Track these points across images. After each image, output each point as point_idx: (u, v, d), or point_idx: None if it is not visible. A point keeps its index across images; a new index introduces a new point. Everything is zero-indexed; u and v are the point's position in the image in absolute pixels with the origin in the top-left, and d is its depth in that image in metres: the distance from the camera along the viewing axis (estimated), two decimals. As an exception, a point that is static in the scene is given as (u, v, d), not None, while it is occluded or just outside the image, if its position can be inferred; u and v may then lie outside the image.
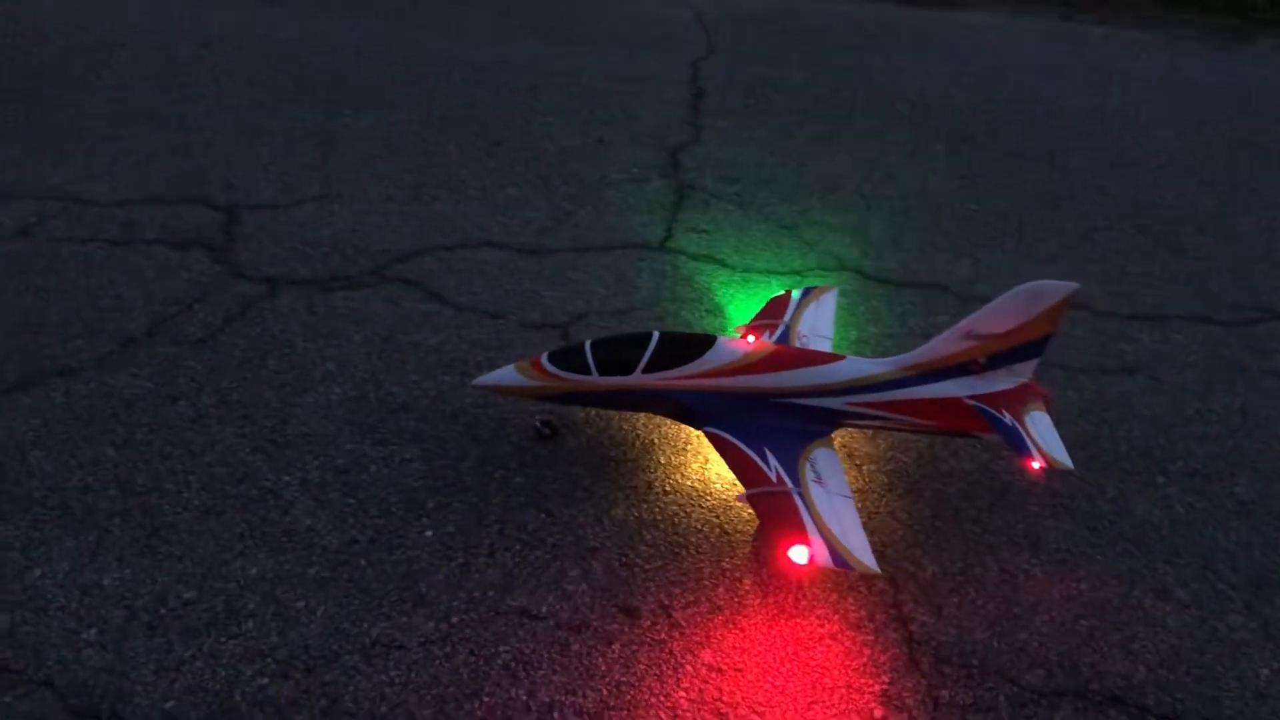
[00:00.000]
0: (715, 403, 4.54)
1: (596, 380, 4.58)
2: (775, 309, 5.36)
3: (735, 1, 11.32)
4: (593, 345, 4.63)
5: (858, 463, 4.93)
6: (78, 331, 5.52)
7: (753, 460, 4.32)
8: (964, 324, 4.49)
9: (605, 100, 8.66)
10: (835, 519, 4.09)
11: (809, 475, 4.28)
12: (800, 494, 4.17)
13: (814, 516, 4.06)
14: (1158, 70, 10.55)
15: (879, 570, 3.89)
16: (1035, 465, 4.30)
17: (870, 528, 4.33)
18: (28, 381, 5.18)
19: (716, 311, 5.96)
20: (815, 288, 5.53)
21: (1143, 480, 5.00)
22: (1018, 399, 4.52)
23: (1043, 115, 9.19)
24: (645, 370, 4.55)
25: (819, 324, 5.29)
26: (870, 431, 4.93)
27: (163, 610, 4.07)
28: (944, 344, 4.53)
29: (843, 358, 4.63)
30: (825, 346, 5.11)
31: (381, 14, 10.27)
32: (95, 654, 3.87)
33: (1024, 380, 4.57)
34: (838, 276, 6.42)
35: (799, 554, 3.88)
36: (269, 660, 3.91)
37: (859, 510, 4.18)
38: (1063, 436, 4.43)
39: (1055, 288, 4.35)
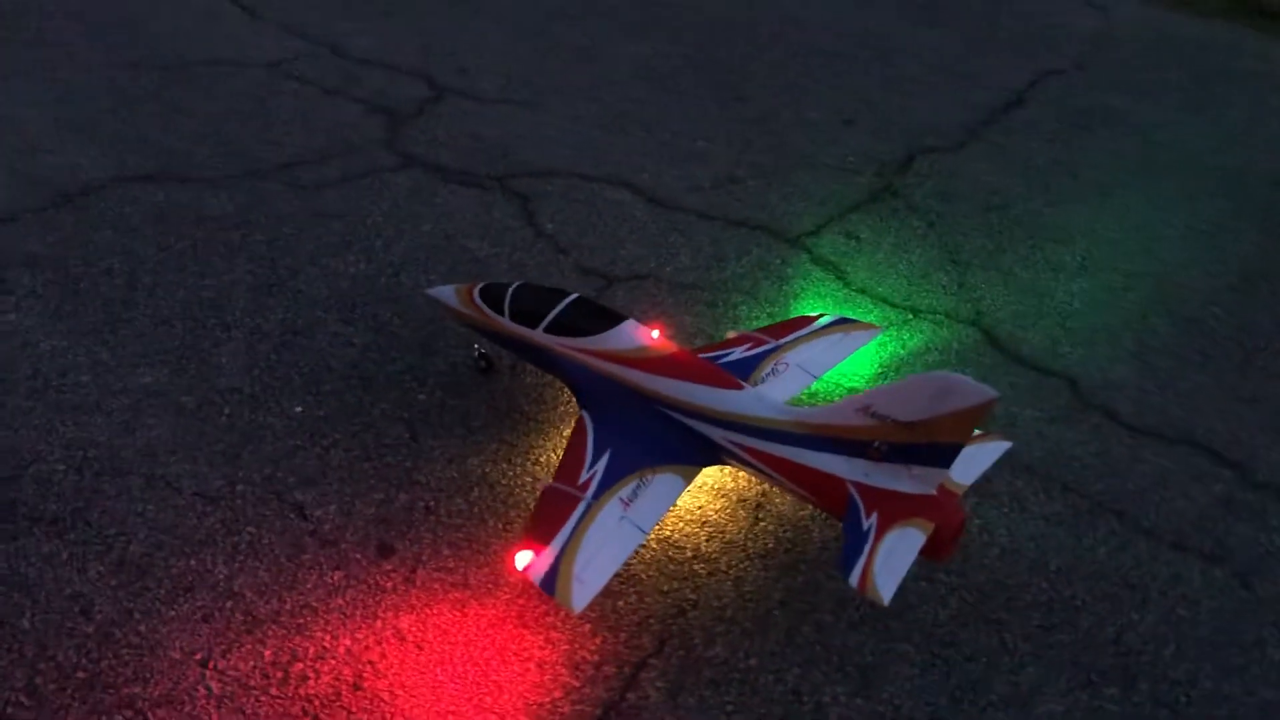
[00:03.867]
0: (600, 386, 4.19)
1: (505, 324, 4.40)
2: (784, 328, 4.72)
3: (1158, 23, 9.58)
4: (515, 289, 4.45)
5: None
6: (223, 153, 6.18)
7: (581, 458, 3.95)
8: (864, 396, 3.70)
9: (898, 85, 7.86)
10: (596, 544, 3.64)
11: (623, 492, 3.82)
12: (588, 506, 3.73)
13: (575, 532, 3.64)
14: None
15: (575, 609, 3.39)
16: (851, 581, 3.48)
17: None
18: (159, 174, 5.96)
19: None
20: (851, 320, 4.78)
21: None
22: (906, 508, 3.64)
23: None
24: (547, 330, 4.30)
25: (819, 358, 4.58)
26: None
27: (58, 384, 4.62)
28: (842, 412, 3.75)
29: (742, 387, 3.99)
30: (805, 383, 4.42)
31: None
32: None
33: (929, 491, 3.65)
34: (966, 330, 5.46)
35: (521, 559, 3.54)
36: (82, 452, 4.31)
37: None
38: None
39: (969, 389, 3.44)
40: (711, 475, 4.36)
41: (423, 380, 4.79)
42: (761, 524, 4.26)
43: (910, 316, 5.51)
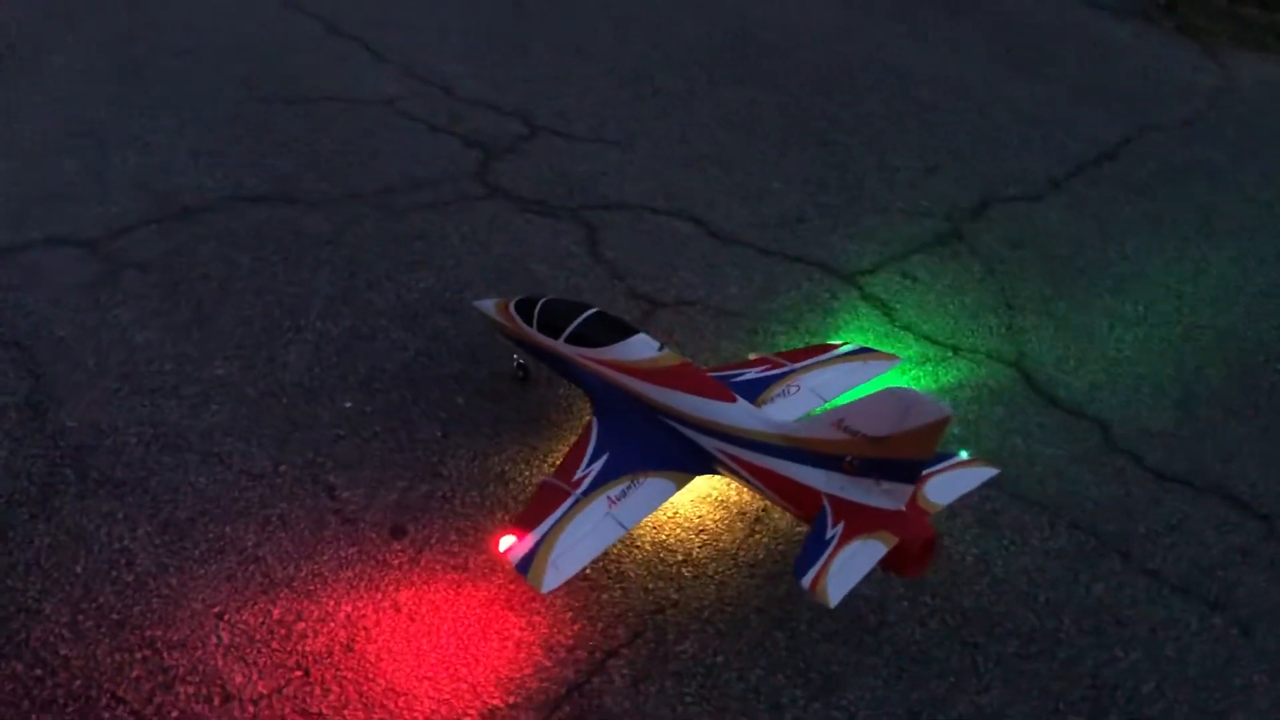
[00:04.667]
0: (609, 394, 4.48)
1: (533, 334, 4.75)
2: (804, 353, 4.93)
3: (1282, 81, 9.32)
4: (544, 302, 4.79)
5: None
6: (329, 178, 6.83)
7: (580, 457, 4.24)
8: (839, 410, 3.89)
9: (989, 136, 7.89)
10: (576, 535, 3.92)
11: (612, 491, 4.09)
12: (576, 500, 4.03)
13: (559, 523, 3.93)
14: None
15: (542, 591, 3.68)
16: (803, 582, 3.65)
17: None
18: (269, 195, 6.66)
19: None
20: (871, 350, 4.95)
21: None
22: (872, 521, 3.80)
23: None
24: (568, 340, 4.61)
25: (832, 383, 4.77)
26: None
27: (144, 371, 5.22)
28: (820, 427, 3.95)
29: (735, 400, 4.23)
30: (814, 405, 4.62)
31: (861, 7, 10.08)
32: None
33: (898, 507, 3.80)
34: (1004, 370, 5.53)
35: (504, 542, 3.84)
36: (152, 429, 4.88)
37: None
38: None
39: (926, 406, 3.60)
40: (717, 487, 4.55)
41: (464, 385, 5.16)
42: (756, 536, 4.43)
43: (949, 354, 5.59)
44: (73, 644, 3.86)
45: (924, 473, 4.01)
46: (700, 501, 4.51)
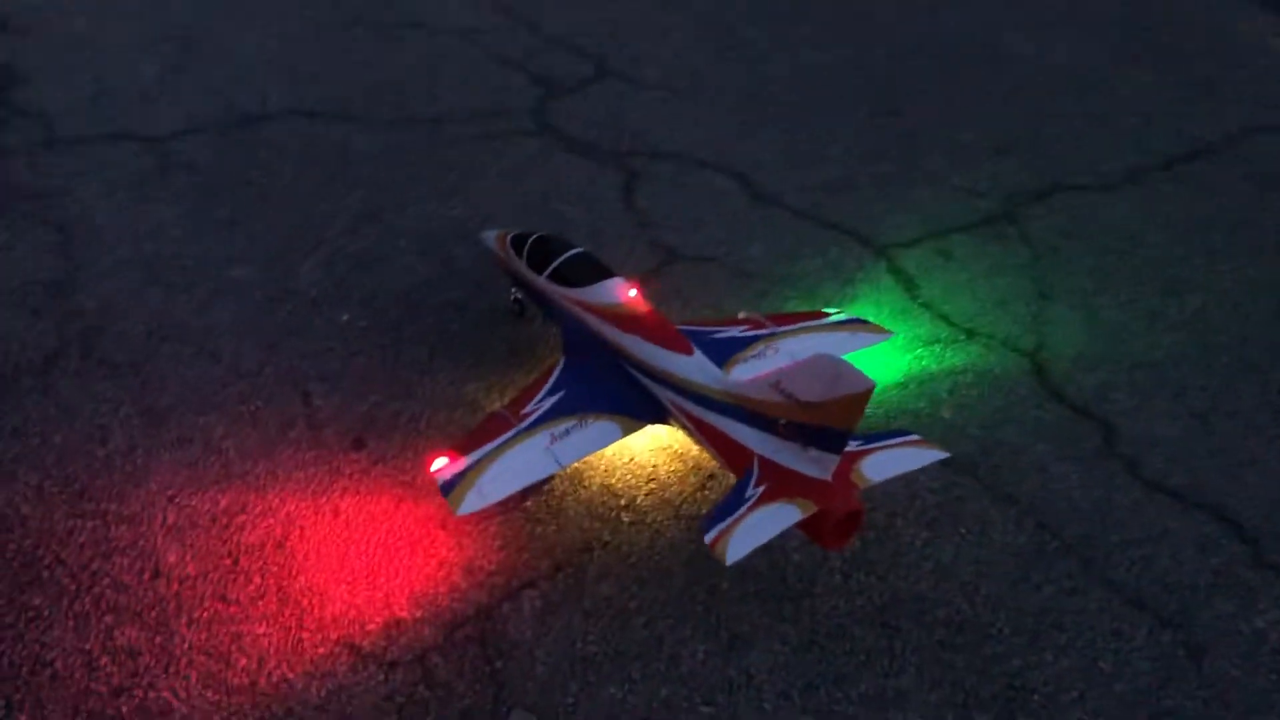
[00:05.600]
0: (577, 335, 4.52)
1: (521, 267, 4.83)
2: (794, 317, 4.87)
3: None
4: (537, 237, 4.84)
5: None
6: (387, 102, 7.05)
7: (534, 393, 4.29)
8: (777, 372, 3.84)
9: (1075, 121, 7.49)
10: (508, 465, 3.97)
11: (556, 429, 4.13)
12: (518, 432, 4.09)
13: (494, 451, 4.00)
14: None
15: (457, 513, 3.75)
16: (706, 538, 3.64)
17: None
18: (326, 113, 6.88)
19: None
20: (864, 322, 4.85)
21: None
22: (794, 488, 3.75)
23: None
24: (549, 277, 4.66)
25: (812, 350, 4.68)
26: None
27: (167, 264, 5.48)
28: (760, 388, 3.91)
29: (692, 352, 4.21)
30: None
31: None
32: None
33: (824, 476, 3.75)
34: (1016, 359, 5.31)
35: (437, 463, 3.93)
36: (159, 321, 5.17)
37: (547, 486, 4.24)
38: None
39: (852, 376, 3.53)
40: (678, 440, 4.53)
41: (462, 314, 5.25)
42: (705, 492, 4.39)
43: (962, 337, 5.39)
44: (34, 505, 4.11)
45: (866, 447, 3.92)
46: (658, 451, 4.50)
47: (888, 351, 5.12)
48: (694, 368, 4.11)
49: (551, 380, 4.30)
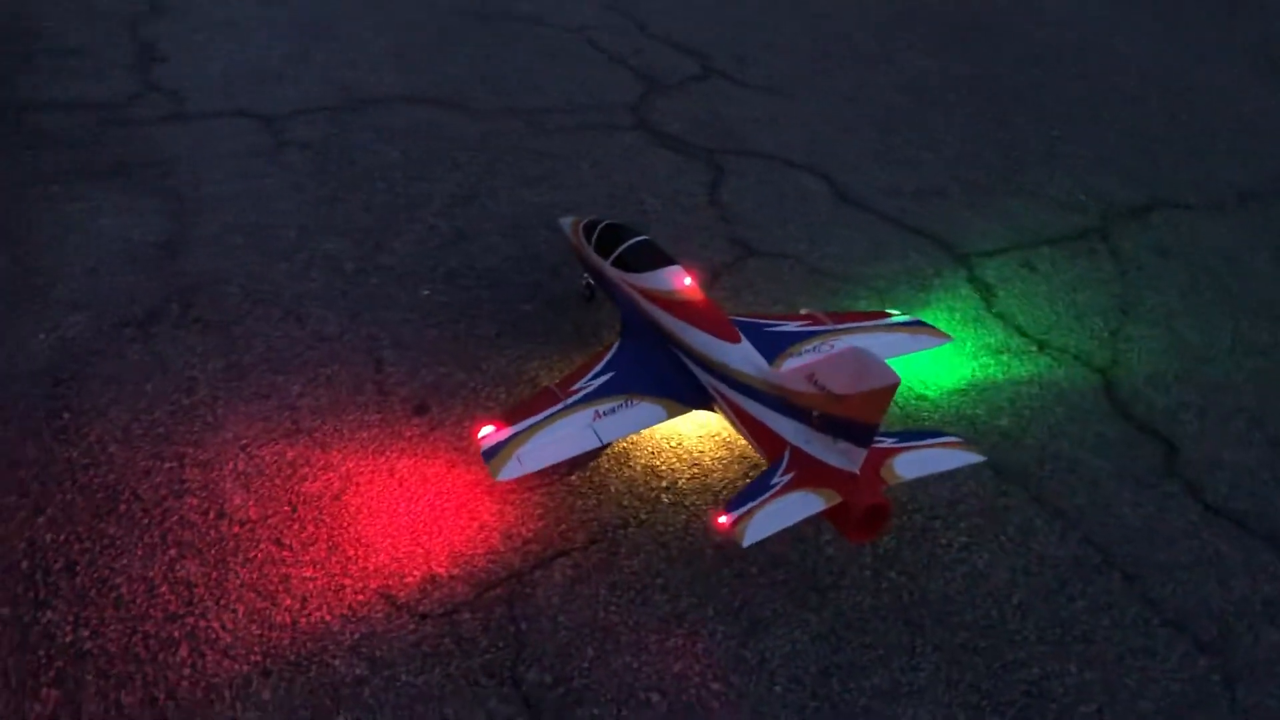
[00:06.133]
0: (636, 319, 4.68)
1: (590, 253, 5.01)
2: (855, 316, 4.93)
3: None
4: (606, 224, 5.02)
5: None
6: (493, 91, 7.30)
7: (586, 372, 4.45)
8: (809, 363, 3.94)
9: (1189, 139, 7.28)
10: (551, 437, 4.14)
11: (602, 406, 4.30)
12: (565, 407, 4.27)
13: (539, 423, 4.19)
14: None
15: (496, 479, 3.95)
16: (721, 520, 3.76)
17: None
18: (434, 100, 7.16)
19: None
20: (925, 325, 4.88)
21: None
22: (820, 478, 3.85)
23: None
24: (613, 263, 4.83)
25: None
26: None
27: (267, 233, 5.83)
28: (797, 379, 4.01)
29: (739, 341, 4.33)
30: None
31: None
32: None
33: (852, 469, 3.83)
34: (1086, 374, 5.24)
35: (483, 430, 4.14)
36: (255, 285, 5.46)
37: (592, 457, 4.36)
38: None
39: (879, 370, 3.61)
40: (727, 428, 4.62)
41: (535, 295, 5.44)
42: (747, 480, 4.47)
43: (1033, 349, 5.34)
44: (121, 444, 4.45)
45: (901, 444, 3.95)
46: (706, 438, 4.60)
47: (952, 356, 5.10)
48: (739, 356, 4.20)
49: (605, 360, 4.43)
